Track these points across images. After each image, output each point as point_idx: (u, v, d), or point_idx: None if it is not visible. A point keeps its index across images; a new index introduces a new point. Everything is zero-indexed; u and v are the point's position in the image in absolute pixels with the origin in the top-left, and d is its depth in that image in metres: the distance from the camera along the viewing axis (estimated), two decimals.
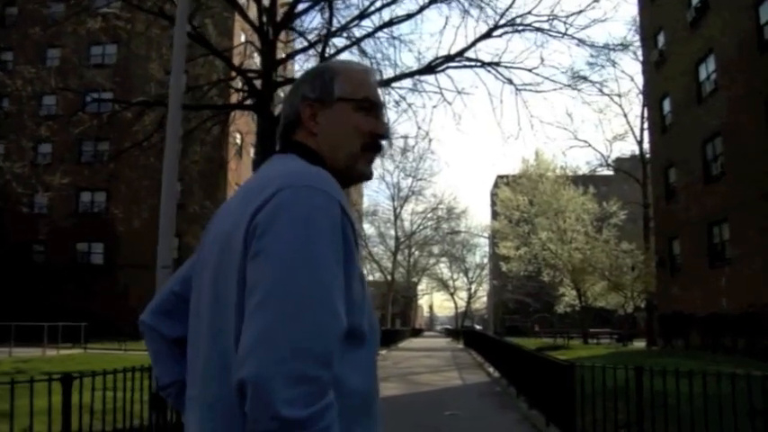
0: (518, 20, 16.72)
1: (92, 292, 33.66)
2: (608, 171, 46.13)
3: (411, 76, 17.16)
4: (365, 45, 17.00)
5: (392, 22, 16.55)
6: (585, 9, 17.46)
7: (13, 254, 34.33)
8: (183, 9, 7.91)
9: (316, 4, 16.72)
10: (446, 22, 17.69)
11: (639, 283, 31.16)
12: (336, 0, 16.52)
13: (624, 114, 67.42)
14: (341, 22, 16.80)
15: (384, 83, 16.32)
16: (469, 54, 16.96)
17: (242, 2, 17.60)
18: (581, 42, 17.22)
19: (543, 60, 18.98)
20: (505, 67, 17.04)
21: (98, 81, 23.34)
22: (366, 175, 1.47)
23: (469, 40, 16.96)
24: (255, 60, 20.26)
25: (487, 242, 51.31)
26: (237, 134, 31.75)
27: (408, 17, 16.70)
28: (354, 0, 17.63)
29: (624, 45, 20.07)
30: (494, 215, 51.78)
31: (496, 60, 17.04)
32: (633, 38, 31.25)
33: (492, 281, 54.99)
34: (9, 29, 34.92)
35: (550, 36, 17.02)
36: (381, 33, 16.89)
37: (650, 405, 6.36)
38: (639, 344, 33.50)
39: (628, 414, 6.48)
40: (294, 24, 17.40)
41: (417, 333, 74.02)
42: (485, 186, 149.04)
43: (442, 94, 17.52)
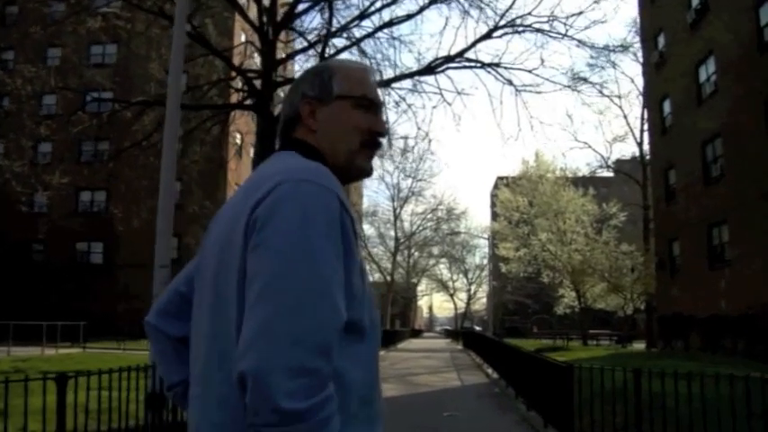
0: (518, 21, 16.72)
1: (91, 291, 33.65)
2: (608, 173, 46.17)
3: (411, 76, 17.14)
4: (365, 45, 17.00)
5: (392, 23, 16.54)
6: (585, 10, 17.51)
7: (12, 253, 34.31)
8: (182, 9, 7.90)
9: (316, 4, 16.71)
10: (446, 23, 17.75)
11: (639, 285, 31.15)
12: (336, 0, 16.52)
13: (624, 116, 67.72)
14: (341, 22, 16.81)
15: (384, 83, 16.31)
16: (469, 55, 16.97)
17: (242, 2, 17.59)
18: (581, 43, 17.24)
19: (543, 61, 18.97)
20: (505, 68, 17.04)
21: (98, 80, 23.35)
22: (366, 171, 1.47)
23: (469, 41, 16.97)
24: (255, 60, 20.25)
25: (487, 243, 51.21)
26: (237, 134, 31.74)
27: (408, 17, 16.69)
28: (354, 0, 17.60)
29: (624, 46, 20.08)
30: (493, 216, 51.81)
31: (496, 61, 17.03)
32: (633, 39, 31.29)
33: (492, 282, 54.89)
34: (9, 28, 34.87)
35: (550, 37, 17.01)
36: (381, 34, 16.89)
37: (649, 407, 6.36)
38: (639, 345, 33.48)
39: (626, 416, 6.47)
40: (294, 24, 17.40)
41: (417, 334, 74.03)
42: (485, 187, 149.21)
43: (441, 94, 17.48)
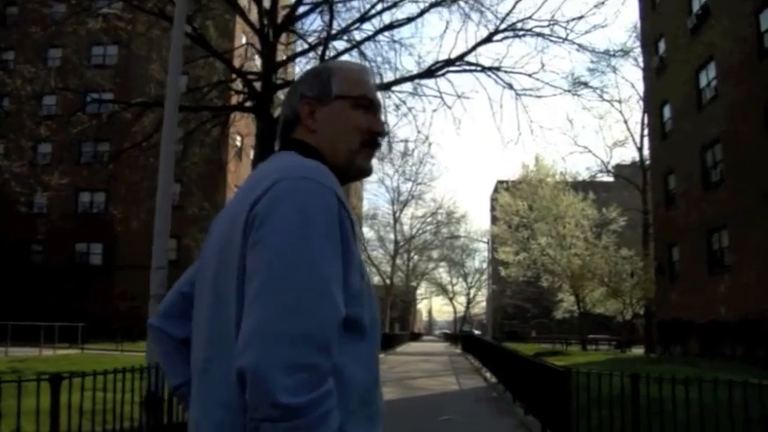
0: (519, 24, 16.75)
1: (90, 292, 33.61)
2: (608, 177, 46.16)
3: (411, 79, 17.17)
4: (365, 48, 17.02)
5: (393, 26, 16.56)
6: (586, 15, 17.50)
7: (11, 253, 34.26)
8: (182, 10, 7.90)
9: (316, 6, 16.73)
10: (447, 27, 17.80)
11: (638, 290, 31.14)
12: (337, 3, 16.53)
13: (624, 120, 67.50)
14: (341, 24, 16.82)
15: (384, 86, 16.32)
16: (470, 58, 17.00)
17: (243, 4, 17.60)
18: (581, 48, 17.25)
19: (544, 65, 19.08)
20: (506, 72, 17.06)
21: (98, 81, 23.33)
22: (366, 171, 1.48)
23: (470, 45, 17.00)
24: (256, 62, 20.28)
25: (487, 247, 51.19)
26: (237, 136, 31.71)
27: (409, 20, 16.70)
28: (355, 3, 17.69)
29: (625, 51, 20.11)
30: (493, 220, 51.80)
31: (497, 65, 17.06)
32: (634, 44, 31.26)
33: (491, 286, 54.86)
34: (10, 28, 34.84)
35: (551, 41, 17.04)
36: (382, 37, 16.92)
37: (646, 412, 6.33)
38: (638, 350, 33.45)
39: (623, 421, 6.45)
40: (295, 27, 17.43)
41: (416, 337, 73.99)
42: (485, 191, 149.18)
43: (441, 98, 17.50)
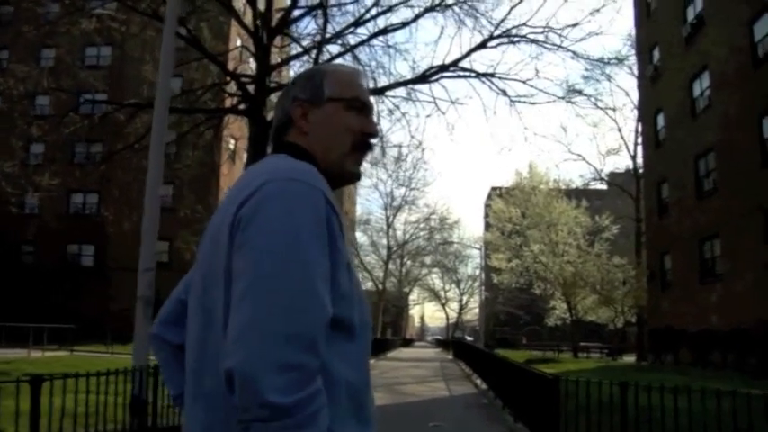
0: (513, 31, 16.79)
1: (82, 294, 33.42)
2: (601, 185, 46.25)
3: (405, 84, 17.15)
4: (360, 53, 17.00)
5: (387, 30, 16.55)
6: (581, 22, 17.53)
7: (2, 254, 34.06)
8: (173, 10, 7.84)
9: (311, 10, 16.71)
10: (441, 32, 17.78)
11: (630, 298, 31.17)
12: (332, 7, 16.51)
13: (618, 129, 67.43)
14: (336, 28, 16.82)
15: (378, 91, 16.31)
16: (464, 64, 17.02)
17: (238, 6, 17.57)
18: (576, 55, 17.33)
19: (538, 72, 19.11)
20: (500, 79, 17.08)
21: (91, 82, 23.23)
22: (355, 175, 1.48)
23: (464, 51, 16.97)
24: (250, 65, 20.21)
25: (480, 254, 51.22)
26: (230, 139, 31.69)
27: (403, 25, 16.70)
28: (350, 7, 17.58)
29: (619, 59, 20.21)
30: (487, 227, 51.79)
31: (491, 71, 17.09)
32: (629, 52, 31.36)
33: (483, 292, 54.86)
34: (3, 27, 34.68)
35: (545, 48, 17.08)
36: (376, 41, 16.91)
37: (635, 420, 6.31)
38: (629, 358, 33.46)
39: (611, 429, 6.42)
40: (289, 30, 17.39)
41: (408, 343, 73.94)
42: (478, 197, 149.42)
43: (435, 103, 17.50)
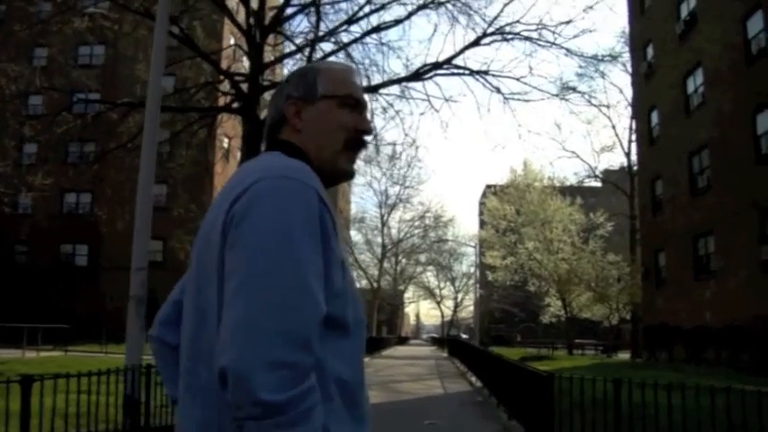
0: (507, 28, 16.75)
1: (76, 293, 33.31)
2: (596, 182, 46.28)
3: (399, 82, 17.12)
4: (353, 50, 16.98)
5: (380, 28, 16.52)
6: (575, 19, 17.53)
7: None
8: (164, 7, 7.80)
9: (304, 8, 16.66)
10: (435, 30, 17.68)
11: (625, 295, 31.24)
12: (324, 5, 16.46)
13: (612, 126, 67.07)
14: (329, 26, 16.76)
15: (371, 89, 16.28)
16: (457, 62, 16.98)
17: (231, 5, 17.50)
18: (570, 52, 17.28)
19: (532, 70, 18.93)
20: (494, 76, 17.04)
21: (84, 81, 23.14)
22: (349, 172, 1.48)
23: (458, 48, 16.98)
24: (244, 64, 20.15)
25: (474, 251, 51.21)
26: (224, 138, 31.58)
27: (396, 23, 16.65)
28: (343, 5, 17.57)
29: (613, 56, 20.11)
30: (481, 224, 51.84)
31: (485, 69, 17.08)
32: (623, 49, 31.40)
33: (478, 290, 54.88)
34: None
35: (539, 45, 17.03)
36: (369, 39, 16.87)
37: (629, 417, 6.31)
38: (624, 355, 33.54)
39: (605, 426, 6.42)
40: (282, 28, 17.34)
41: (403, 341, 74.00)
42: (473, 195, 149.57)
43: (429, 101, 17.51)
